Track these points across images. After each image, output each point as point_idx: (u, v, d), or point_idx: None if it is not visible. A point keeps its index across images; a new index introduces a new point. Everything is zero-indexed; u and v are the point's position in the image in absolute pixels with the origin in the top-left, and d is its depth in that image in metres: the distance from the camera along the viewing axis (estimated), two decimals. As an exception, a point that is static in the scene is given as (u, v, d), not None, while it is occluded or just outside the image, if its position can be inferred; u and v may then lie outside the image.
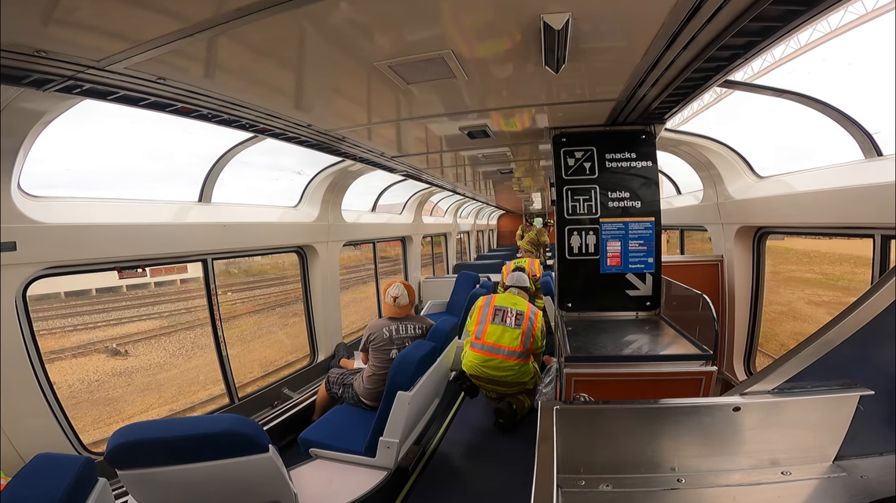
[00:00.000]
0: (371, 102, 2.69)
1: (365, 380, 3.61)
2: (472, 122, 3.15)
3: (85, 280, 7.94)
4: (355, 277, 10.83)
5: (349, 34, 1.74)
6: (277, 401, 4.39)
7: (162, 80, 1.96)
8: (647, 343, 2.64)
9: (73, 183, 3.18)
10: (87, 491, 1.60)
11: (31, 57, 1.62)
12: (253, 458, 2.00)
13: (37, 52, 1.60)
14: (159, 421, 2.13)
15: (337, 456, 3.07)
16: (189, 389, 8.84)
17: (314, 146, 3.40)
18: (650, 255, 3.17)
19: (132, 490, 2.00)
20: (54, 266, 2.72)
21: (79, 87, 1.92)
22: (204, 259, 3.82)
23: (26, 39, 1.52)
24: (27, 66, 1.68)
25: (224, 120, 2.57)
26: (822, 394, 1.12)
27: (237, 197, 4.16)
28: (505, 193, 9.77)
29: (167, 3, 1.38)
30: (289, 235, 4.74)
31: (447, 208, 10.97)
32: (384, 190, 6.82)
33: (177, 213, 3.54)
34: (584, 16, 1.60)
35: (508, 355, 4.12)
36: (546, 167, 5.53)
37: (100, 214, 2.98)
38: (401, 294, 3.78)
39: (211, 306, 3.92)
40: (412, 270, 8.35)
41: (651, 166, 3.16)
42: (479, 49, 1.92)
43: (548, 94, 2.58)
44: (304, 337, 5.32)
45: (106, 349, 8.52)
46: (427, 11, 1.59)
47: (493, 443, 4.01)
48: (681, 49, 1.80)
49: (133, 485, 1.97)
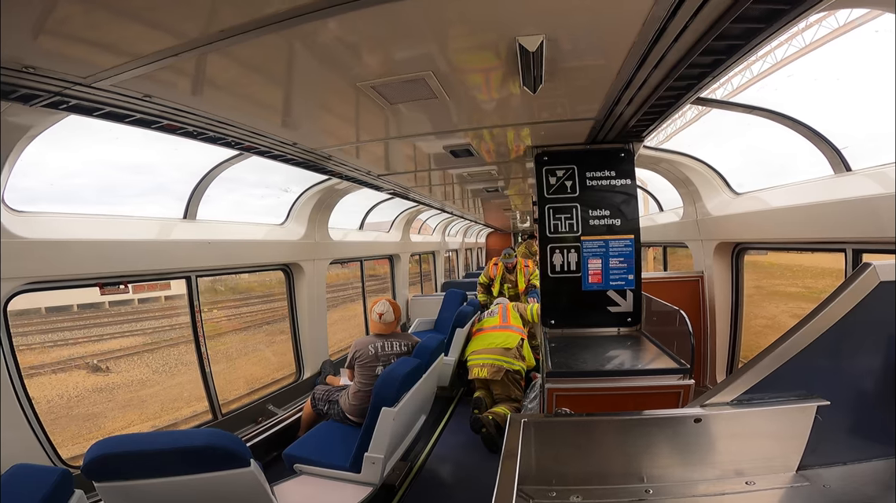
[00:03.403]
0: (356, 122, 2.73)
1: (350, 396, 3.58)
2: (456, 142, 3.19)
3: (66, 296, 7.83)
4: (343, 295, 10.76)
5: (332, 56, 1.78)
6: (262, 418, 4.32)
7: (148, 97, 1.98)
8: (629, 358, 2.65)
9: (56, 197, 3.16)
10: (63, 502, 1.59)
11: (19, 72, 1.64)
12: (234, 473, 1.97)
13: (25, 68, 1.62)
14: (139, 434, 2.09)
15: (322, 471, 3.03)
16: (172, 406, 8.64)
17: (300, 164, 3.42)
18: (630, 272, 3.21)
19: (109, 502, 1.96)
20: (36, 281, 2.69)
21: (65, 103, 1.93)
22: (188, 276, 3.78)
23: (14, 55, 1.53)
24: (15, 81, 1.70)
25: (210, 137, 2.59)
26: (779, 405, 1.14)
27: (223, 214, 4.14)
28: (493, 211, 9.85)
29: (154, 18, 1.40)
30: (275, 253, 4.73)
31: (435, 226, 11.01)
32: (371, 208, 6.84)
33: (161, 229, 3.51)
34: (558, 37, 1.66)
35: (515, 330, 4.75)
36: (533, 185, 5.60)
37: (83, 230, 2.95)
38: (386, 311, 3.77)
39: (195, 323, 3.87)
40: (400, 288, 8.32)
41: (630, 184, 3.23)
42: (459, 70, 1.97)
43: (529, 113, 2.64)
44: (290, 355, 5.26)
45: (87, 365, 8.32)
46: (407, 34, 1.63)
47: (480, 459, 3.96)
48: (652, 68, 1.87)
49: (110, 497, 1.94)
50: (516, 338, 4.70)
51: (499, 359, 4.48)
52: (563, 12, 1.51)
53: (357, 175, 4.06)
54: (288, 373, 5.40)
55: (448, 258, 12.72)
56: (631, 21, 1.54)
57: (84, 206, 3.19)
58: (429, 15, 1.50)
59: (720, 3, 1.38)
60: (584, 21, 1.58)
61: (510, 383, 4.43)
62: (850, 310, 1.13)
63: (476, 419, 4.13)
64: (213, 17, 1.41)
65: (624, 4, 1.46)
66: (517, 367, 4.48)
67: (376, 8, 1.40)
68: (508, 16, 1.53)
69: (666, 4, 1.38)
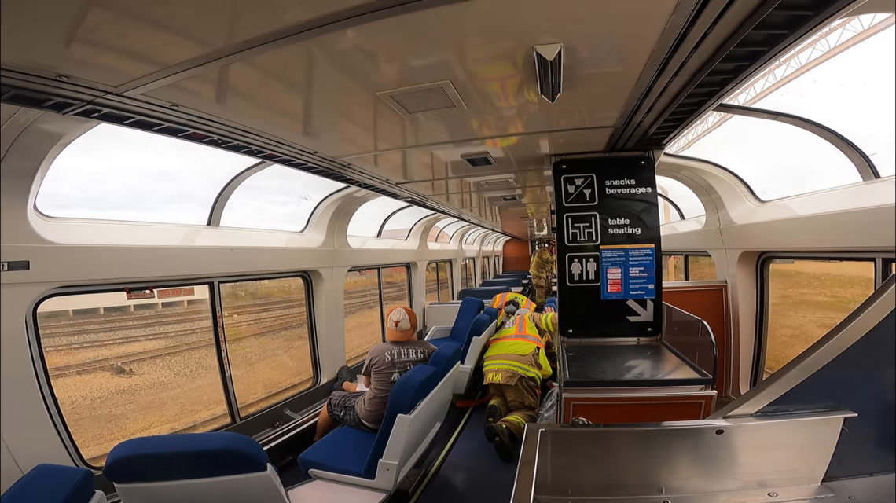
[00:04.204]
0: (375, 130, 2.78)
1: (366, 402, 3.61)
2: (474, 150, 3.22)
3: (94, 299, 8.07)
4: (360, 302, 10.85)
5: (352, 66, 1.82)
6: (279, 422, 4.38)
7: (175, 106, 2.04)
8: (648, 368, 2.61)
9: (85, 203, 3.27)
10: None
11: (53, 81, 1.70)
12: (250, 476, 2.00)
13: (59, 77, 1.68)
14: (159, 437, 2.14)
15: (336, 477, 3.04)
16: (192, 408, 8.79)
17: (320, 172, 3.48)
18: (651, 282, 3.16)
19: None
20: (65, 285, 2.78)
21: (97, 112, 2.00)
22: (211, 282, 3.87)
23: (49, 63, 1.60)
24: (49, 89, 1.77)
25: (233, 146, 2.66)
26: (805, 417, 1.11)
27: (245, 221, 4.24)
28: (511, 220, 9.83)
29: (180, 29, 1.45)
30: (295, 260, 4.81)
31: (452, 234, 11.03)
32: (389, 216, 6.90)
33: (186, 235, 3.61)
34: (576, 45, 1.66)
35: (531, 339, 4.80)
36: (551, 193, 5.58)
37: (111, 236, 3.06)
38: (402, 318, 3.80)
39: (216, 328, 3.96)
40: (417, 296, 8.36)
41: (651, 192, 3.19)
42: (477, 79, 2.00)
43: (547, 121, 2.65)
44: (309, 360, 5.32)
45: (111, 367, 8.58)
46: (425, 44, 1.66)
47: (493, 468, 3.94)
48: (672, 75, 1.86)
49: (130, 499, 1.98)
50: (531, 346, 4.70)
51: (513, 364, 4.47)
52: (580, 21, 1.52)
53: (375, 183, 4.12)
54: (305, 378, 5.46)
55: (465, 266, 12.71)
56: (649, 29, 1.54)
57: (112, 213, 3.31)
58: (447, 24, 1.52)
59: (741, 9, 1.37)
60: (601, 29, 1.58)
61: (524, 390, 4.41)
62: (881, 321, 1.10)
63: (490, 427, 4.12)
64: (237, 27, 1.45)
65: (642, 13, 1.46)
66: (531, 374, 4.47)
67: (395, 18, 1.43)
68: (526, 25, 1.54)
69: (685, 12, 1.38)
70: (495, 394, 4.61)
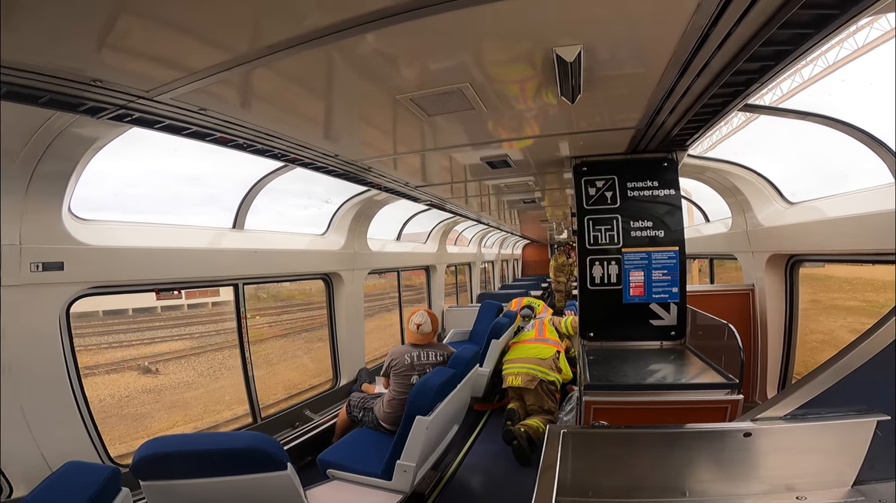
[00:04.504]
0: (395, 133, 2.82)
1: (385, 404, 3.65)
2: (493, 152, 3.23)
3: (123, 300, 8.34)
4: (379, 305, 10.94)
5: (372, 69, 1.86)
6: (299, 422, 4.45)
7: (204, 110, 2.11)
8: (672, 372, 2.58)
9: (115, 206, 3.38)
10: (109, 500, 1.65)
11: (87, 86, 1.77)
12: (271, 475, 2.03)
13: (92, 81, 1.74)
14: (184, 435, 2.19)
15: (354, 477, 3.08)
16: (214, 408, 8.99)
17: (341, 175, 3.55)
18: (674, 285, 3.12)
19: (152, 501, 2.04)
20: (98, 286, 2.89)
21: (129, 116, 2.07)
22: (236, 284, 3.97)
23: (83, 68, 1.66)
24: (83, 94, 1.83)
25: (258, 149, 2.73)
26: (836, 420, 1.09)
27: (268, 224, 4.34)
28: (530, 223, 9.79)
29: (206, 35, 1.50)
30: (316, 262, 4.90)
31: (471, 237, 11.04)
32: (409, 219, 6.96)
33: (212, 238, 3.72)
34: (596, 47, 1.67)
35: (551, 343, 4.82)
36: (571, 196, 5.55)
37: (141, 238, 3.16)
38: (424, 321, 3.83)
39: (240, 329, 4.05)
40: (436, 299, 8.39)
41: (674, 194, 3.15)
42: (496, 81, 2.02)
43: (567, 123, 2.65)
44: (327, 361, 5.39)
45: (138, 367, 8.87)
46: (444, 47, 1.69)
47: (511, 472, 3.93)
48: (695, 76, 1.84)
49: (154, 496, 2.02)
50: (551, 350, 4.69)
51: (533, 368, 4.46)
52: (600, 22, 1.53)
53: (395, 186, 4.17)
54: (324, 380, 5.52)
55: (484, 269, 12.70)
56: (671, 30, 1.54)
57: (142, 215, 3.43)
58: (466, 27, 1.54)
59: (765, 9, 1.35)
60: (621, 30, 1.58)
61: (544, 394, 4.39)
62: None
63: (508, 431, 4.12)
64: (261, 32, 1.50)
65: (663, 14, 1.46)
66: (551, 378, 4.45)
67: (415, 22, 1.45)
68: (545, 27, 1.55)
69: (707, 12, 1.37)
70: (514, 398, 4.60)
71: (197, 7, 1.33)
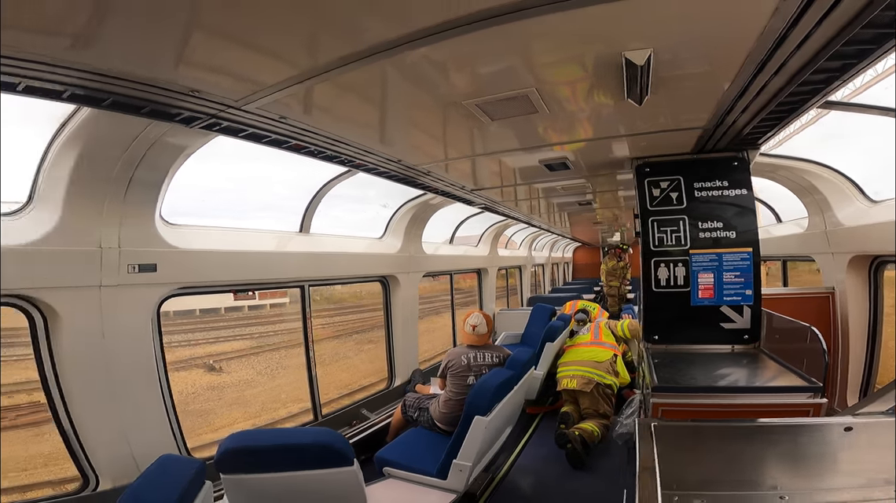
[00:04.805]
0: (456, 138, 2.95)
1: (441, 404, 3.73)
2: (552, 155, 3.29)
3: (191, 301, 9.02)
4: (428, 308, 11.14)
5: (439, 78, 1.97)
6: (356, 421, 4.62)
7: (283, 118, 2.27)
8: (745, 376, 2.53)
9: (194, 211, 3.60)
10: (195, 492, 1.72)
11: (186, 96, 1.91)
12: (339, 471, 2.08)
13: (191, 92, 1.88)
14: (261, 430, 2.31)
15: (409, 476, 3.17)
16: (271, 406, 9.51)
17: (401, 180, 3.72)
18: (748, 287, 3.04)
19: (230, 493, 2.10)
20: (185, 287, 3.14)
21: (218, 125, 2.24)
22: (302, 285, 4.22)
23: (182, 79, 1.78)
24: (180, 104, 1.98)
25: (327, 155, 2.92)
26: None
27: (328, 227, 4.56)
28: (581, 225, 9.66)
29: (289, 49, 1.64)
30: (374, 265, 5.10)
31: (521, 241, 11.03)
32: (461, 222, 7.09)
33: (280, 241, 3.98)
34: (667, 49, 1.70)
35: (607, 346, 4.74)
36: (626, 197, 5.48)
37: (219, 241, 3.41)
38: (480, 323, 3.89)
39: (305, 329, 4.30)
40: (487, 302, 8.46)
41: (746, 194, 3.08)
42: (562, 86, 2.09)
43: (629, 124, 2.67)
44: (378, 363, 5.55)
45: (204, 364, 9.56)
46: (513, 54, 1.77)
47: (563, 475, 3.93)
48: (771, 75, 1.83)
49: (232, 488, 2.08)
50: (608, 353, 4.66)
51: (589, 371, 4.45)
52: (672, 27, 1.56)
53: (452, 190, 4.30)
54: (375, 380, 5.69)
55: (534, 273, 12.61)
56: (746, 31, 1.55)
57: (219, 220, 3.70)
58: (536, 35, 1.61)
59: (847, 11, 1.35)
60: (695, 34, 1.61)
61: (600, 397, 4.37)
62: None
63: (562, 434, 4.11)
64: (336, 45, 1.63)
65: (738, 16, 1.47)
66: (608, 382, 4.43)
67: (486, 31, 1.53)
68: (616, 31, 1.60)
69: (785, 16, 1.39)
70: (568, 401, 4.60)
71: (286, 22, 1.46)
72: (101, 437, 2.66)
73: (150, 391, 2.87)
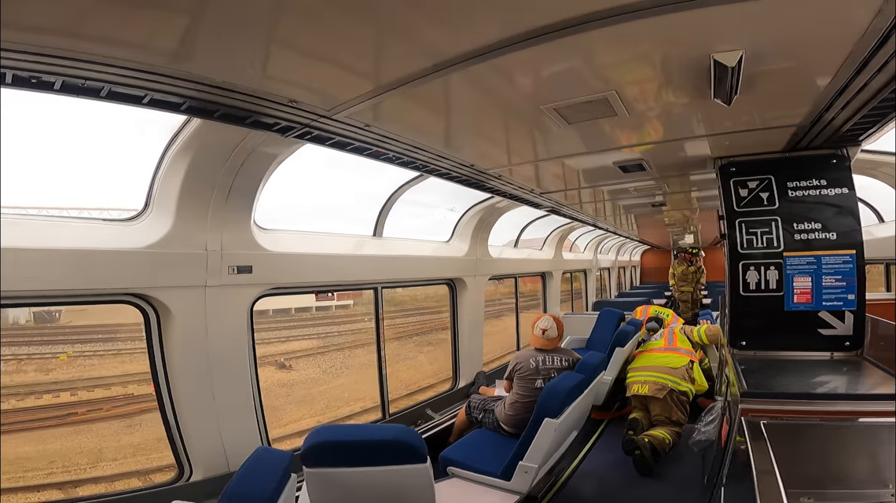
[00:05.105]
0: (530, 142, 3.03)
1: (507, 406, 3.79)
2: (628, 156, 3.30)
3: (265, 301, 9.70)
4: (488, 311, 11.22)
5: (519, 85, 2.04)
6: (420, 420, 4.76)
7: (368, 126, 2.43)
8: (845, 383, 2.42)
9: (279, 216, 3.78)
10: (284, 484, 1.81)
11: (284, 106, 2.05)
12: (413, 468, 2.15)
13: (290, 102, 2.01)
14: (344, 426, 2.46)
15: (473, 476, 3.24)
16: (335, 404, 9.99)
17: (473, 184, 3.85)
18: (851, 291, 2.89)
19: (310, 486, 2.17)
20: (276, 287, 3.38)
21: (310, 134, 2.39)
22: (375, 287, 4.45)
23: (283, 90, 1.93)
24: (279, 114, 2.12)
25: (404, 161, 3.08)
26: None
27: (398, 231, 4.75)
28: (651, 227, 9.36)
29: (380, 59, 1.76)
30: (442, 268, 5.28)
31: (586, 244, 10.86)
32: (526, 225, 7.15)
33: (356, 245, 4.24)
34: (759, 50, 1.68)
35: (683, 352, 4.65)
36: (700, 198, 5.30)
37: (303, 245, 3.66)
38: (550, 327, 3.94)
39: (378, 329, 4.52)
40: (552, 305, 8.43)
41: (847, 193, 2.93)
42: (642, 88, 2.11)
43: (712, 123, 2.63)
44: (436, 364, 5.67)
45: (276, 362, 10.24)
46: (594, 60, 1.82)
47: (628, 482, 3.89)
48: (873, 73, 1.77)
49: (313, 481, 2.15)
50: (684, 359, 4.56)
51: (663, 377, 4.38)
52: (766, 28, 1.56)
53: (521, 193, 4.38)
54: (434, 381, 5.80)
55: (599, 277, 12.34)
56: (846, 33, 1.53)
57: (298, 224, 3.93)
58: (619, 40, 1.65)
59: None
60: (790, 35, 1.61)
61: (673, 404, 4.29)
62: None
63: (630, 440, 4.06)
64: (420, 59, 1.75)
65: (836, 19, 1.47)
66: (684, 388, 4.34)
67: (568, 39, 1.58)
68: (705, 34, 1.61)
69: (888, 16, 1.37)
70: (637, 408, 4.54)
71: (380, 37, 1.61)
72: (199, 429, 2.87)
73: (243, 386, 3.08)
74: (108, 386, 8.43)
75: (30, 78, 1.62)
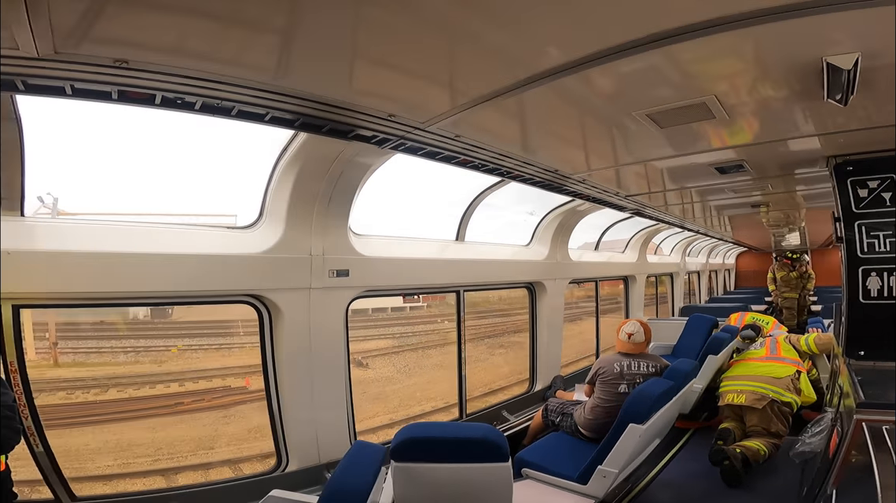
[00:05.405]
0: (618, 147, 3.05)
1: (587, 411, 3.79)
2: (725, 157, 3.22)
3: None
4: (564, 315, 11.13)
5: (612, 93, 2.09)
6: (496, 422, 4.84)
7: (458, 136, 2.57)
8: None
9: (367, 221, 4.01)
10: (377, 477, 1.93)
11: (384, 120, 2.21)
12: (496, 466, 2.20)
13: (389, 116, 2.17)
14: (432, 423, 2.59)
15: (548, 478, 3.25)
16: (407, 403, 10.35)
17: (555, 189, 3.92)
18: None
19: (397, 480, 2.23)
20: (369, 290, 3.61)
21: (403, 145, 2.57)
22: (457, 290, 4.64)
23: (384, 105, 2.08)
24: (378, 127, 2.28)
25: (489, 168, 3.22)
26: None
27: (479, 235, 4.90)
28: (747, 229, 8.77)
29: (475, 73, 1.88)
30: (521, 272, 5.36)
31: (672, 247, 10.38)
32: (608, 228, 7.03)
33: (439, 249, 4.44)
34: (876, 50, 1.64)
35: (788, 362, 4.42)
36: (807, 196, 4.96)
37: (393, 249, 3.91)
38: (636, 331, 3.90)
39: (459, 331, 4.70)
40: (634, 310, 8.21)
41: None
42: (747, 92, 2.09)
43: (824, 122, 2.53)
44: (508, 366, 5.71)
45: (354, 360, 10.78)
46: (694, 67, 1.84)
47: (712, 494, 3.73)
48: None
49: (400, 475, 2.21)
50: (789, 369, 4.32)
51: (764, 387, 4.16)
52: (882, 30, 1.51)
53: (604, 196, 4.37)
54: (505, 384, 5.83)
55: (688, 280, 11.74)
56: None
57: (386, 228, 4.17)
58: (722, 47, 1.65)
59: None
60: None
61: (774, 415, 4.07)
62: None
63: (719, 450, 3.89)
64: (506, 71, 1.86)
65: None
66: (787, 399, 4.10)
67: (669, 48, 1.60)
68: (817, 39, 1.60)
69: None
70: (729, 418, 4.34)
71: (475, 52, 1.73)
72: (297, 422, 3.10)
73: (337, 382, 3.31)
74: (209, 377, 9.33)
75: (175, 99, 1.91)
